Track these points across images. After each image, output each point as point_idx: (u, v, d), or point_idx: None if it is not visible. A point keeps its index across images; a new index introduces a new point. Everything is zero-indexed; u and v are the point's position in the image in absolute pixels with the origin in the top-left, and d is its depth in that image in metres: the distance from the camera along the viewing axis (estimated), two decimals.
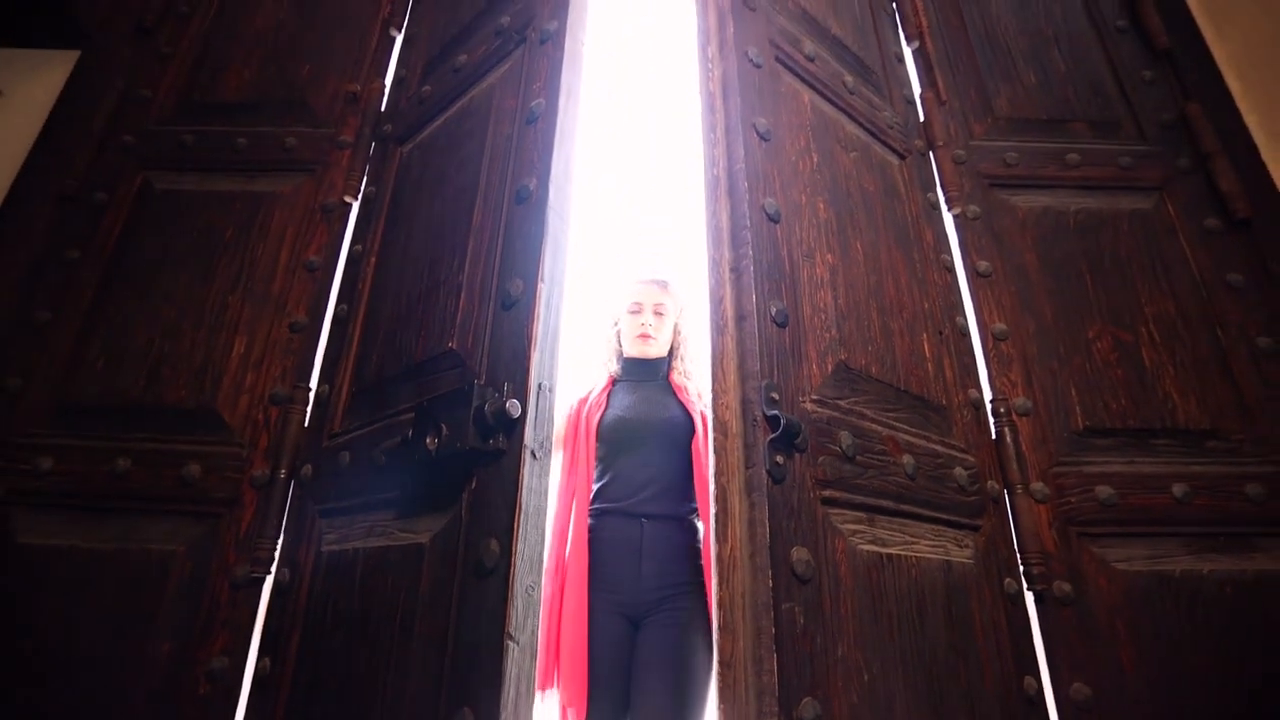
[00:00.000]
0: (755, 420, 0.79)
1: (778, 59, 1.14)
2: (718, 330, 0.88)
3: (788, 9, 1.24)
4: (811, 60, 1.21)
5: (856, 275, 1.04)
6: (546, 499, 0.81)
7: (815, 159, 1.10)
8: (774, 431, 0.77)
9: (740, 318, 0.85)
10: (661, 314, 1.63)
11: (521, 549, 0.73)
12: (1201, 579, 0.99)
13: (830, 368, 0.92)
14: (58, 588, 1.00)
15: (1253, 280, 1.19)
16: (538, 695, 1.24)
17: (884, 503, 0.89)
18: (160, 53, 1.42)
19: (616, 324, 1.69)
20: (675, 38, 2.82)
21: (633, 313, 1.64)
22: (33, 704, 0.94)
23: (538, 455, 0.79)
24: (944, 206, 1.27)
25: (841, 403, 0.92)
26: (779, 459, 0.78)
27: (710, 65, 1.06)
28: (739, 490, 0.78)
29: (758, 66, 1.07)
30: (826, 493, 0.82)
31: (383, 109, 1.37)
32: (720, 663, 0.73)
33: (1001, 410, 1.09)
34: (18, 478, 1.06)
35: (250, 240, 1.23)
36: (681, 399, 1.54)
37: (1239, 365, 1.13)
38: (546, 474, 0.82)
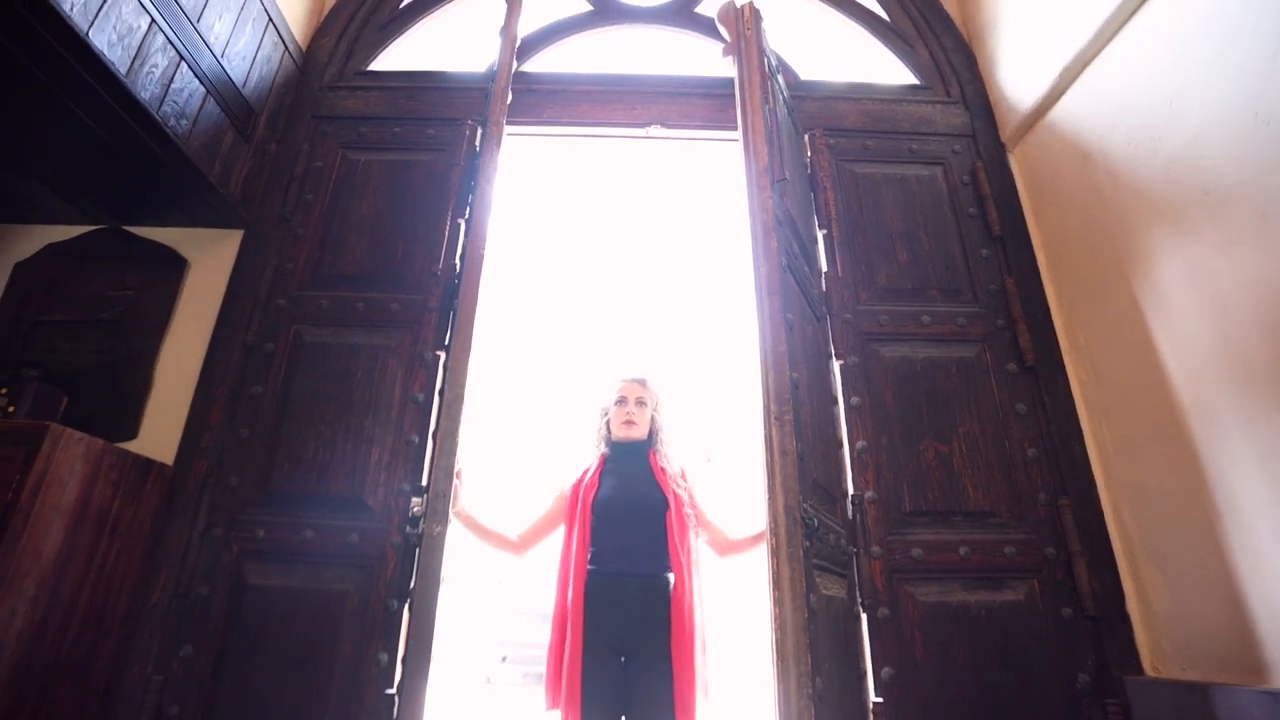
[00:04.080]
0: (796, 520, 1.23)
1: (787, 264, 1.53)
2: (770, 457, 1.29)
3: (789, 217, 1.64)
4: (796, 258, 1.65)
5: (815, 417, 1.56)
6: (441, 559, 1.36)
7: (802, 338, 1.57)
8: (808, 530, 1.26)
9: (784, 453, 1.28)
10: (643, 404, 2.06)
11: (420, 587, 1.29)
12: (969, 605, 1.65)
13: (811, 482, 1.41)
14: (276, 612, 1.65)
15: (1031, 409, 1.83)
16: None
17: (824, 563, 1.41)
18: (295, 234, 2.01)
19: (606, 414, 2.09)
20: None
21: (619, 403, 2.05)
22: (270, 684, 1.59)
23: (434, 534, 1.35)
24: (834, 357, 1.89)
25: (813, 503, 1.40)
26: (806, 543, 1.24)
27: (760, 268, 1.44)
28: (785, 560, 1.20)
29: (784, 271, 1.48)
30: (813, 560, 1.30)
31: (456, 281, 1.97)
32: (779, 657, 1.12)
33: (857, 501, 1.73)
34: (245, 543, 1.70)
35: (374, 379, 1.85)
36: (659, 479, 1.93)
37: (1015, 468, 1.77)
38: (441, 545, 1.37)
